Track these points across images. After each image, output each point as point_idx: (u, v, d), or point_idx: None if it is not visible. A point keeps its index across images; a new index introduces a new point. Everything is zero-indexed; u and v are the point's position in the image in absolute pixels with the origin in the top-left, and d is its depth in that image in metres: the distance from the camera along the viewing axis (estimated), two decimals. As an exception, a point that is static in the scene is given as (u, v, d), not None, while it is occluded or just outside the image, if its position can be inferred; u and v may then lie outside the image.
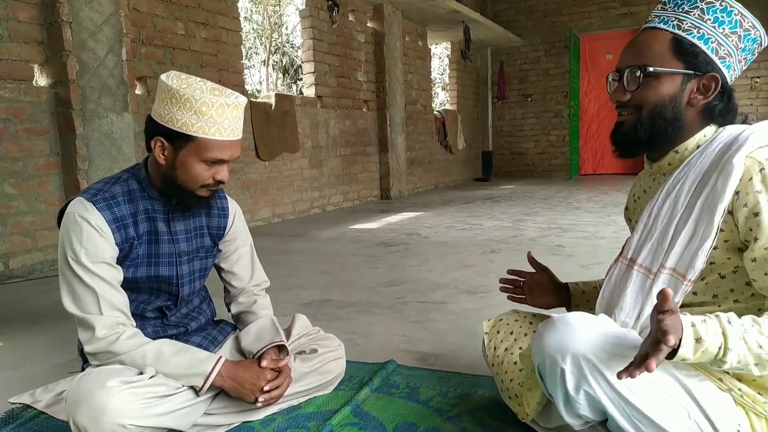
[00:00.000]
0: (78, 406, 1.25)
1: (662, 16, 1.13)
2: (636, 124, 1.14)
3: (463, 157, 10.40)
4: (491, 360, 1.45)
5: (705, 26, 1.08)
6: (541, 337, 1.07)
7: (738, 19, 1.07)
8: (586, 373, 1.00)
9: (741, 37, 1.08)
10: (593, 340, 1.01)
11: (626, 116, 1.16)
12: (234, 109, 1.34)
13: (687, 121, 1.12)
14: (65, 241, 1.34)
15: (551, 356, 1.03)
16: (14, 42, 3.47)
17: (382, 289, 2.96)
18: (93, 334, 1.32)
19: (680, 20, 1.09)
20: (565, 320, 1.05)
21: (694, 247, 1.04)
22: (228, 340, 1.65)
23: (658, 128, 1.12)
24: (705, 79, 1.09)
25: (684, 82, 1.10)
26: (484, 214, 5.89)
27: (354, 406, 1.57)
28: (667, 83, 1.10)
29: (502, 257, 3.67)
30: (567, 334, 1.02)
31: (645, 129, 1.13)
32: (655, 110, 1.12)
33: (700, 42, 1.08)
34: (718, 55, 1.08)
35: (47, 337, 2.31)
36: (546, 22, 10.45)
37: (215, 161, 1.36)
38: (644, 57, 1.11)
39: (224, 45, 5.11)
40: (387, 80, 7.51)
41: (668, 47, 1.10)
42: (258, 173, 5.61)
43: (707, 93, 1.10)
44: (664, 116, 1.11)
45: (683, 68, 1.09)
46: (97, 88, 3.73)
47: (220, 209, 1.59)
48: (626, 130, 1.16)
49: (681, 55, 1.09)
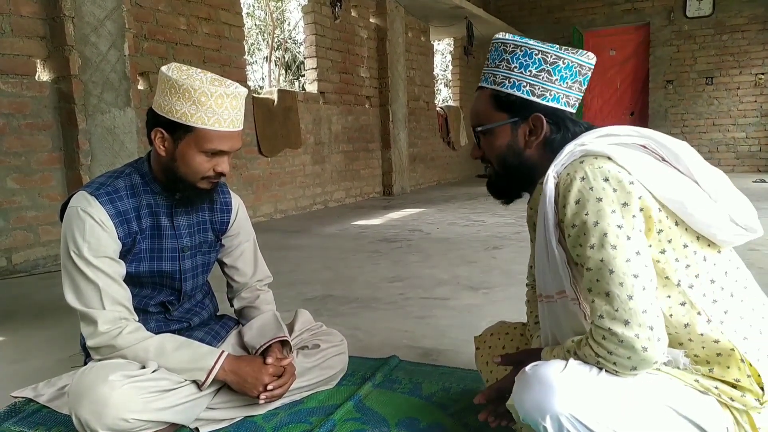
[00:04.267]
0: (80, 400, 1.25)
1: (485, 73, 1.21)
2: (495, 175, 1.25)
3: (465, 154, 10.38)
4: (485, 376, 1.46)
5: (513, 74, 1.15)
6: (519, 396, 1.06)
7: (540, 58, 1.13)
8: (568, 428, 0.99)
9: (551, 72, 1.13)
10: (570, 395, 1.00)
11: (489, 170, 1.27)
12: (234, 99, 1.33)
13: (533, 160, 1.18)
14: (68, 235, 1.34)
15: (531, 416, 1.03)
16: (16, 37, 3.47)
17: (384, 285, 2.96)
18: (95, 328, 1.32)
19: (494, 75, 1.18)
20: (539, 378, 1.03)
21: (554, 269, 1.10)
22: (230, 335, 1.65)
23: (510, 173, 1.21)
24: (531, 121, 1.16)
25: (513, 129, 1.18)
26: (487, 210, 5.88)
27: (356, 401, 1.57)
28: (499, 135, 1.19)
29: (505, 253, 3.67)
30: (543, 393, 1.01)
31: (501, 178, 1.23)
32: (499, 160, 1.21)
33: (514, 90, 1.15)
34: (535, 95, 1.14)
35: (50, 332, 2.31)
36: (549, 18, 10.40)
37: (215, 152, 1.35)
38: (477, 117, 1.22)
39: (226, 40, 5.11)
40: (389, 76, 7.49)
41: (490, 104, 1.19)
42: (260, 169, 5.61)
43: (537, 132, 1.16)
44: (509, 163, 1.20)
45: (507, 118, 1.17)
46: (100, 84, 3.73)
47: (223, 204, 1.59)
48: (491, 182, 1.27)
49: (502, 108, 1.17)
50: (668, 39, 9.60)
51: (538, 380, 1.04)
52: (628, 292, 0.97)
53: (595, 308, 1.00)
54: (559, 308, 1.14)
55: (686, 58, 9.54)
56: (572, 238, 1.04)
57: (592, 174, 1.02)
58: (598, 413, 0.98)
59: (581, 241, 1.02)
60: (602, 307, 0.99)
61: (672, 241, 1.04)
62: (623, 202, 1.00)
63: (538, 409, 1.01)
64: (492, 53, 1.20)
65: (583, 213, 1.01)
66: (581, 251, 1.02)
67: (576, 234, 1.03)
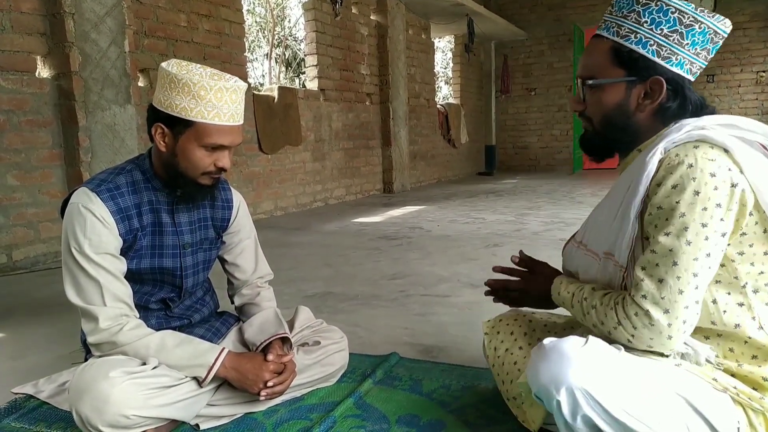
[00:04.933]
0: (81, 396, 1.25)
1: (606, 22, 1.13)
2: (593, 133, 1.19)
3: (466, 151, 10.38)
4: (492, 361, 1.46)
5: (642, 30, 1.06)
6: (534, 368, 1.06)
7: (676, 17, 1.05)
8: (581, 403, 1.00)
9: (683, 35, 1.05)
10: (586, 370, 1.00)
11: (586, 125, 1.21)
12: (233, 93, 1.33)
13: (640, 125, 1.12)
14: (69, 231, 1.34)
15: (546, 388, 1.03)
16: (17, 33, 3.46)
17: (384, 282, 2.96)
18: (96, 325, 1.32)
19: (619, 26, 1.09)
20: (558, 350, 1.03)
21: (621, 238, 1.09)
22: (231, 331, 1.65)
23: (611, 135, 1.16)
24: (649, 84, 1.09)
25: (628, 89, 1.10)
26: (487, 208, 5.88)
27: (357, 398, 1.57)
28: (610, 93, 1.12)
29: (505, 251, 3.67)
30: (560, 365, 1.01)
31: (599, 137, 1.18)
32: (604, 120, 1.14)
33: (638, 47, 1.07)
34: (661, 56, 1.06)
35: (50, 328, 2.31)
36: (550, 16, 10.39)
37: (215, 147, 1.35)
38: (588, 69, 1.14)
39: (227, 37, 5.10)
40: (390, 73, 7.48)
41: (608, 57, 1.11)
42: (261, 166, 5.60)
43: (654, 97, 1.09)
44: (614, 124, 1.14)
45: (624, 76, 1.10)
46: (100, 80, 3.72)
47: (225, 201, 1.59)
48: (586, 138, 1.21)
49: (621, 63, 1.09)
50: (669, 36, 9.57)
51: (556, 352, 1.03)
52: (681, 287, 0.98)
53: (641, 286, 1.01)
54: (597, 264, 1.16)
55: (687, 55, 9.51)
56: (652, 216, 1.02)
57: (701, 164, 0.99)
58: (613, 392, 0.99)
59: (659, 223, 1.01)
60: (649, 288, 1.00)
61: (753, 246, 1.03)
62: (717, 203, 0.98)
63: (554, 381, 1.01)
64: (619, 1, 1.11)
65: (674, 199, 0.99)
66: (654, 232, 1.02)
67: (657, 215, 1.02)
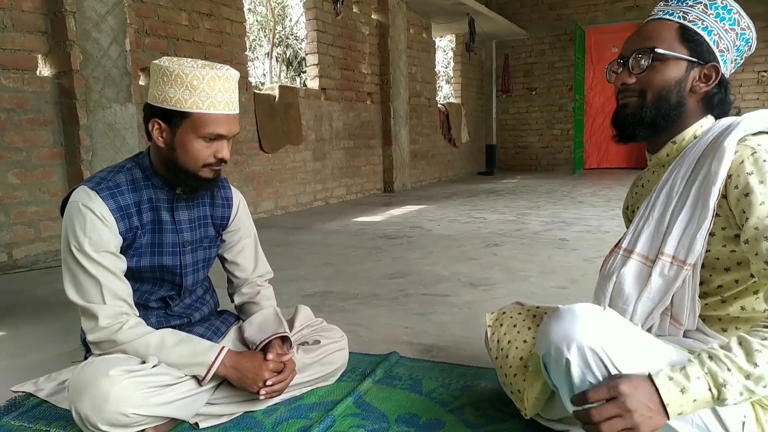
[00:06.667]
0: (80, 394, 1.25)
1: (667, 9, 1.18)
2: (641, 106, 1.18)
3: (466, 151, 10.37)
4: (494, 353, 1.45)
5: (708, 19, 1.14)
6: (547, 327, 1.08)
7: (737, 18, 1.15)
8: (591, 364, 1.00)
9: (738, 35, 1.15)
10: (599, 331, 1.01)
11: (630, 98, 1.19)
12: (226, 81, 1.33)
13: (689, 107, 1.17)
14: (69, 230, 1.34)
15: (557, 346, 1.04)
16: (18, 32, 3.46)
17: (385, 282, 2.96)
18: (96, 323, 1.32)
19: (685, 12, 1.15)
20: (572, 311, 1.06)
21: (692, 232, 1.08)
22: (231, 330, 1.65)
23: (663, 111, 1.16)
24: (707, 68, 1.14)
25: (688, 68, 1.15)
26: (488, 207, 5.88)
27: (356, 397, 1.57)
28: (673, 68, 1.15)
29: (506, 250, 3.67)
30: (573, 324, 1.03)
31: (650, 111, 1.16)
32: (660, 93, 1.16)
33: (704, 32, 1.14)
34: (719, 47, 1.14)
35: (50, 327, 2.31)
36: (551, 15, 10.38)
37: (213, 137, 1.35)
38: (652, 41, 1.15)
39: (228, 36, 5.10)
40: (391, 73, 7.48)
41: (675, 33, 1.15)
42: (261, 165, 5.60)
43: (708, 81, 1.15)
44: (669, 100, 1.16)
45: (688, 55, 1.14)
46: (101, 79, 3.72)
47: (224, 199, 1.59)
48: (631, 111, 1.19)
49: (687, 42, 1.14)
50: (670, 36, 9.57)
51: (570, 313, 1.05)
52: None
53: None
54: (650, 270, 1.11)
55: (688, 55, 9.51)
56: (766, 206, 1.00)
57: None
58: (623, 359, 0.99)
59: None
60: None
61: None
62: None
63: (566, 338, 1.02)
64: None
65: None
66: None
67: None
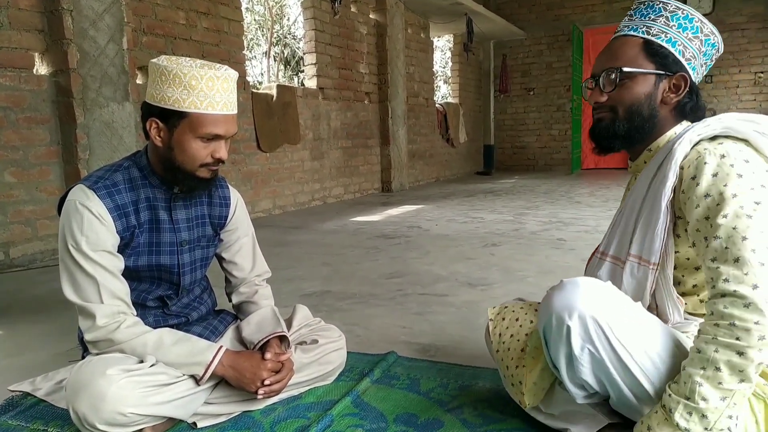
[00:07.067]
0: (78, 393, 1.25)
1: (631, 25, 1.22)
2: (614, 120, 1.23)
3: (464, 151, 10.38)
4: (496, 347, 1.45)
5: (671, 31, 1.18)
6: (549, 297, 1.12)
7: (699, 26, 1.18)
8: (591, 332, 1.05)
9: (702, 41, 1.18)
10: (600, 301, 1.06)
11: (603, 114, 1.25)
12: (224, 81, 1.33)
13: (662, 117, 1.21)
14: (66, 229, 1.34)
15: (558, 314, 1.08)
16: (14, 30, 3.45)
17: (382, 281, 2.96)
18: (93, 322, 1.32)
19: (648, 27, 1.19)
20: (574, 282, 1.10)
21: (651, 231, 1.13)
22: (229, 330, 1.64)
23: (636, 124, 1.21)
24: (675, 79, 1.19)
25: (657, 81, 1.19)
26: (486, 207, 5.88)
27: (354, 396, 1.57)
28: (641, 83, 1.19)
29: (503, 250, 3.67)
30: (575, 293, 1.07)
31: (623, 125, 1.22)
32: (631, 108, 1.20)
33: (669, 45, 1.18)
34: (685, 57, 1.18)
35: (47, 326, 2.31)
36: (549, 15, 10.39)
37: (211, 137, 1.34)
38: (619, 60, 1.20)
39: (226, 35, 5.09)
40: (389, 72, 7.47)
41: (640, 50, 1.19)
42: (259, 165, 5.60)
43: (678, 91, 1.19)
44: (640, 113, 1.20)
45: (655, 68, 1.19)
46: (98, 78, 3.71)
47: (222, 198, 1.58)
48: (605, 126, 1.24)
49: (652, 57, 1.18)
50: (668, 37, 9.59)
51: (573, 283, 1.10)
52: (761, 259, 0.97)
53: (720, 273, 0.99)
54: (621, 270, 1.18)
55: (686, 56, 9.53)
56: (701, 209, 1.04)
57: (734, 154, 1.05)
58: (622, 330, 1.04)
59: (713, 212, 1.03)
60: (729, 271, 0.98)
61: None
62: (762, 184, 1.02)
63: (567, 306, 1.07)
64: (642, 9, 1.21)
65: (721, 185, 1.03)
66: (710, 222, 1.03)
67: (708, 204, 1.04)
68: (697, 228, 1.05)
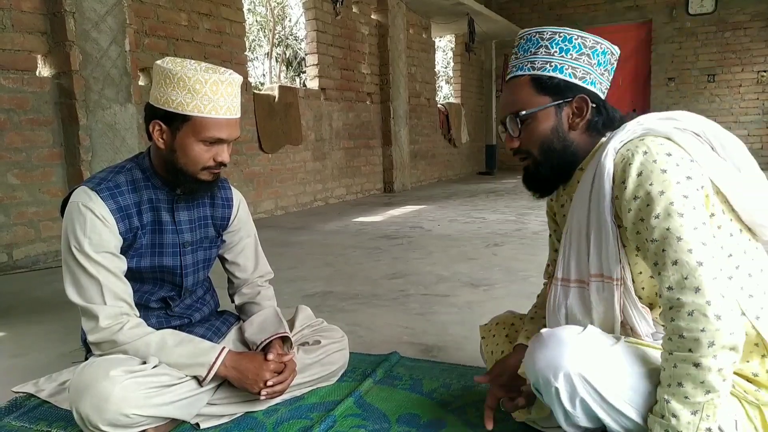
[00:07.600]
0: (81, 395, 1.25)
1: (517, 64, 1.20)
2: (536, 164, 1.20)
3: (466, 151, 10.37)
4: (489, 364, 1.46)
5: (554, 59, 1.15)
6: (532, 356, 1.08)
7: (580, 42, 1.14)
8: (579, 389, 1.01)
9: (590, 55, 1.15)
10: (584, 356, 1.02)
11: (526, 161, 1.23)
12: (228, 86, 1.33)
13: (577, 143, 1.18)
14: (69, 230, 1.34)
15: (544, 376, 1.04)
16: (17, 32, 3.46)
17: (385, 282, 2.96)
18: (96, 323, 1.32)
19: (532, 62, 1.17)
20: (556, 337, 1.06)
21: (605, 248, 1.09)
22: (231, 331, 1.65)
23: (555, 161, 1.19)
24: (576, 102, 1.15)
25: (557, 112, 1.16)
26: (488, 207, 5.88)
27: (357, 397, 1.57)
28: (543, 119, 1.16)
29: (506, 250, 3.67)
30: (558, 351, 1.03)
31: (545, 166, 1.19)
32: (543, 146, 1.18)
33: (556, 73, 1.15)
34: (577, 77, 1.15)
35: (50, 327, 2.31)
36: (551, 15, 10.37)
37: (214, 141, 1.34)
38: (516, 105, 1.18)
39: (228, 36, 5.10)
40: (391, 73, 7.48)
41: (530, 88, 1.17)
42: (261, 165, 5.60)
43: (582, 113, 1.16)
44: (553, 148, 1.18)
45: (551, 101, 1.16)
46: (101, 79, 3.72)
47: (225, 199, 1.59)
48: (532, 172, 1.22)
49: (543, 91, 1.16)
50: (670, 36, 9.58)
51: (554, 339, 1.05)
52: (698, 259, 0.95)
53: (664, 280, 0.98)
54: (588, 293, 1.13)
55: (688, 55, 9.53)
56: (633, 212, 1.02)
57: (654, 149, 1.02)
58: (609, 378, 1.00)
59: (645, 213, 1.01)
60: (671, 277, 0.96)
61: (721, 228, 1.04)
62: (687, 176, 1.00)
63: (552, 366, 1.03)
64: (523, 45, 1.19)
65: (647, 184, 1.00)
66: (645, 224, 1.01)
67: (639, 206, 1.02)
68: (636, 231, 1.03)
